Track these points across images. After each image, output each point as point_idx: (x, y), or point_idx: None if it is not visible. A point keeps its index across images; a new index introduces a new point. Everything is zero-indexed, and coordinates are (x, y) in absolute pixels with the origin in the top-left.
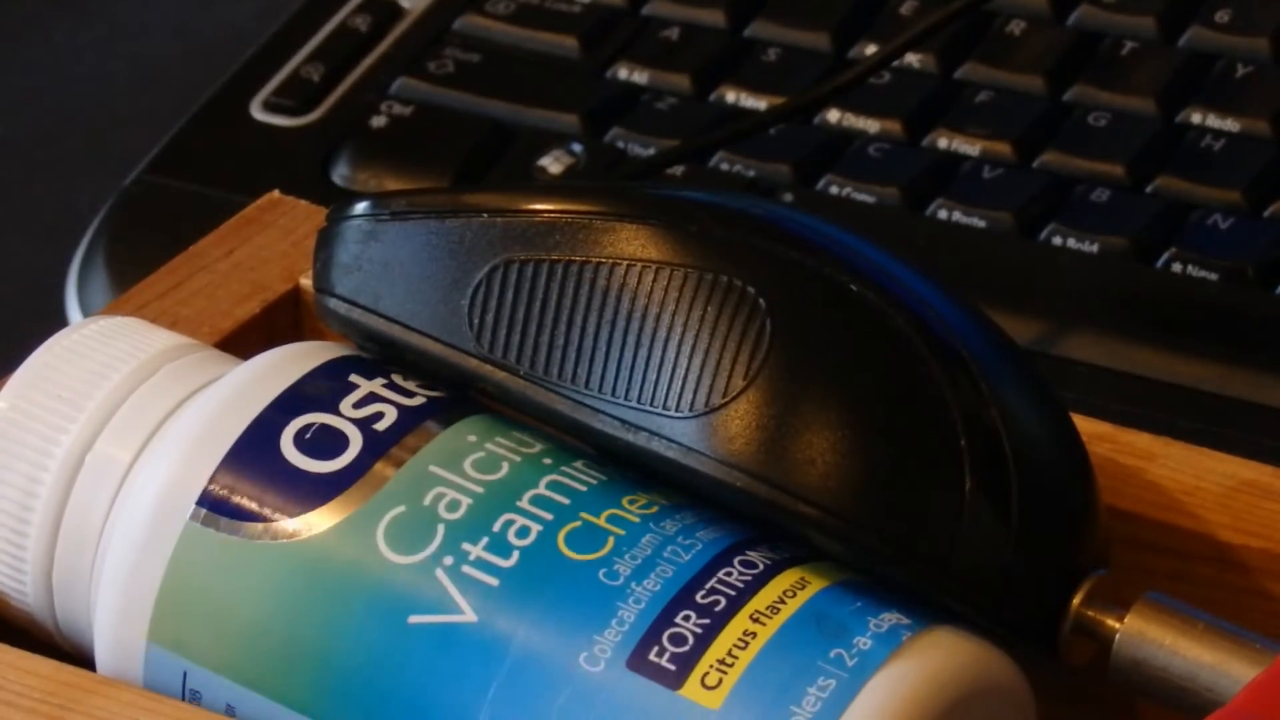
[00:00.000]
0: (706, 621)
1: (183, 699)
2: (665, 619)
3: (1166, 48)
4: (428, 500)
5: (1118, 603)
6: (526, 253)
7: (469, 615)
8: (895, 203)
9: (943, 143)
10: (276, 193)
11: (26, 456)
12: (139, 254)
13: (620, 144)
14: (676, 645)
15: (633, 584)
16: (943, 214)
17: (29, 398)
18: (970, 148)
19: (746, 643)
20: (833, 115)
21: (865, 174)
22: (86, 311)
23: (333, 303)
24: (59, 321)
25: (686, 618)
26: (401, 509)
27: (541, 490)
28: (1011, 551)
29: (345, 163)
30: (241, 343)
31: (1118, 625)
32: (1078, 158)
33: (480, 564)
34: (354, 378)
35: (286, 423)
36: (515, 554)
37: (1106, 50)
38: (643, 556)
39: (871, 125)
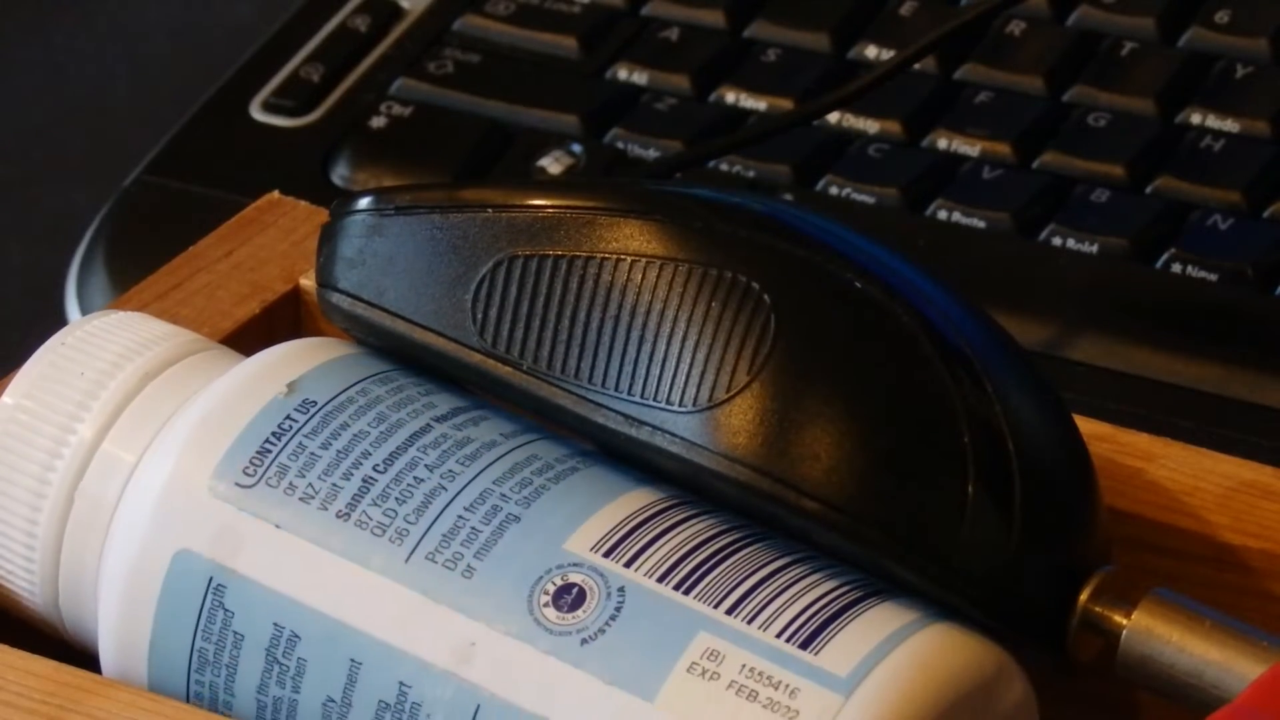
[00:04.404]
0: None
1: None
2: None
3: (1166, 48)
4: None
5: (1124, 599)
6: (530, 248)
7: None
8: (895, 203)
9: (943, 143)
10: (276, 193)
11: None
12: (139, 254)
13: (620, 144)
14: None
15: None
16: (942, 214)
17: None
18: (970, 148)
19: None
20: (832, 116)
21: (865, 174)
22: (86, 312)
23: (336, 297)
24: (59, 321)
25: None
26: None
27: None
28: (1014, 548)
29: (345, 163)
30: (241, 343)
31: (1125, 621)
32: (1078, 158)
33: None
34: None
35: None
36: None
37: (1106, 50)
38: None
39: (871, 126)
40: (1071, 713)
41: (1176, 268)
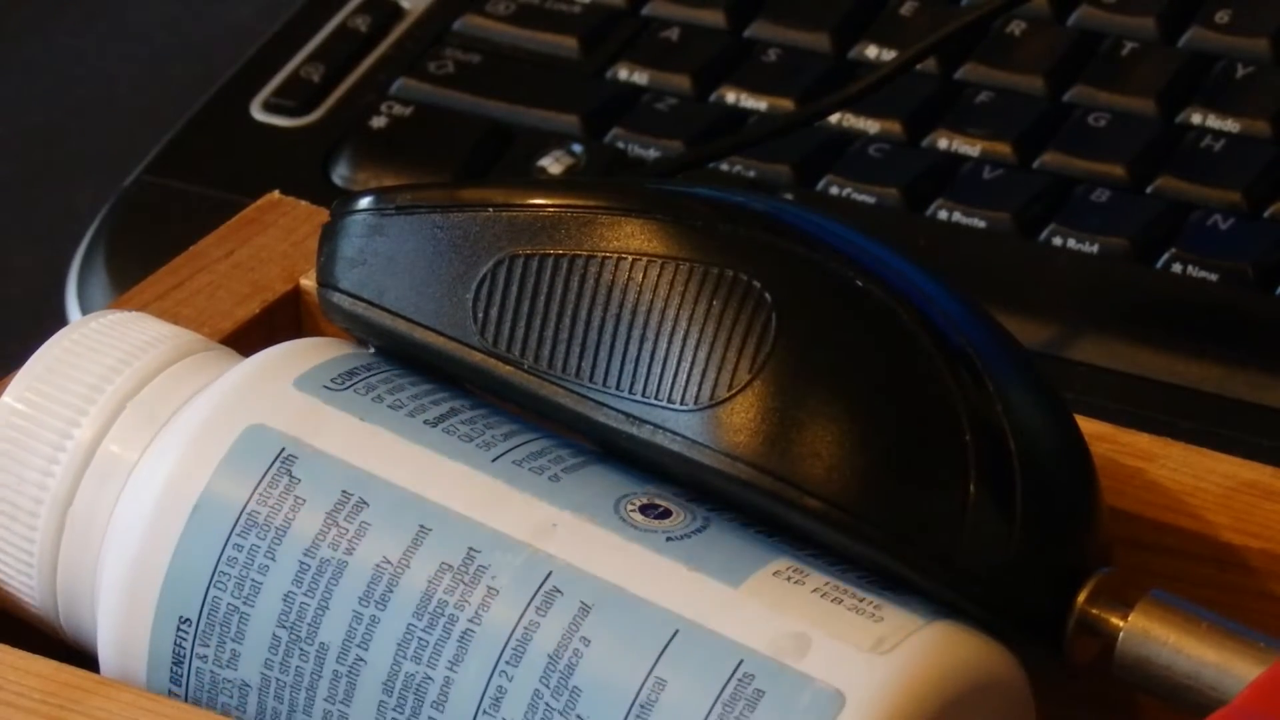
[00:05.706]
0: None
1: None
2: None
3: (1166, 48)
4: None
5: (1122, 601)
6: (531, 247)
7: None
8: (895, 203)
9: (943, 143)
10: (276, 193)
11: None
12: (139, 254)
13: (620, 144)
14: None
15: None
16: (943, 215)
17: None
18: (970, 148)
19: None
20: (833, 116)
21: (865, 174)
22: (87, 311)
23: (336, 297)
24: (59, 321)
25: None
26: None
27: None
28: (1014, 548)
29: (345, 163)
30: (242, 343)
31: (1122, 623)
32: (1078, 158)
33: None
34: None
35: None
36: None
37: (1106, 50)
38: None
39: (872, 126)
40: (1071, 713)
41: (1177, 268)
